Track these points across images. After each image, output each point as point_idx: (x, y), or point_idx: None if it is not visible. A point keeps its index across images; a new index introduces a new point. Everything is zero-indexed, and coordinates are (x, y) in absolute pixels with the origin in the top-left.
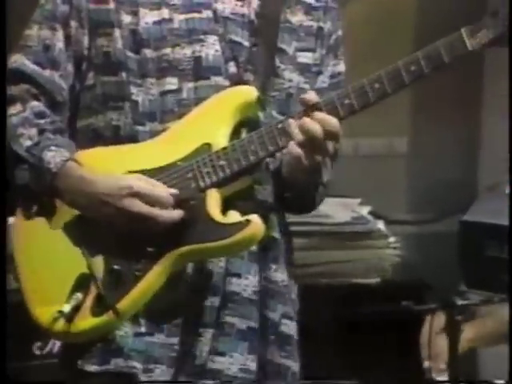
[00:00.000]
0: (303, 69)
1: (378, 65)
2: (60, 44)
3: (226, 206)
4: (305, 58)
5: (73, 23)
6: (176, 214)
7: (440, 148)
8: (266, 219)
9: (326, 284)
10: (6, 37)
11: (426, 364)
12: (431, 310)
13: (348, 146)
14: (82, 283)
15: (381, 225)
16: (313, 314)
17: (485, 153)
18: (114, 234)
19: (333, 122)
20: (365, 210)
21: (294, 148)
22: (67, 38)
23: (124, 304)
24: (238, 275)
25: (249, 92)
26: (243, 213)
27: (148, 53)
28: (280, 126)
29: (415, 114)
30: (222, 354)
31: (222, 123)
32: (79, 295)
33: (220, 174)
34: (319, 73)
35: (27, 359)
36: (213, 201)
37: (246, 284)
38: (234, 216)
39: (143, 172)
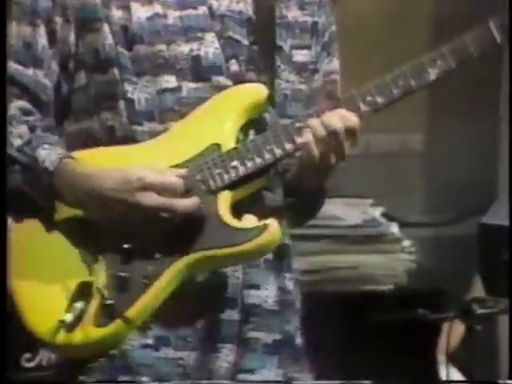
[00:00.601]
0: (299, 68)
1: (391, 56)
2: (43, 41)
3: (235, 210)
4: (300, 56)
5: (57, 19)
6: (192, 201)
7: (457, 145)
8: (279, 224)
9: (335, 292)
10: (6, 37)
11: (443, 374)
12: (449, 318)
13: (359, 142)
14: (84, 291)
15: (394, 227)
16: (321, 324)
17: (505, 151)
18: (119, 237)
19: (353, 119)
20: (377, 212)
21: (311, 145)
22: (51, 35)
23: (131, 313)
24: (257, 286)
25: (259, 91)
26: (256, 217)
27: (141, 49)
28: (297, 124)
29: (431, 109)
30: (250, 372)
31: (231, 123)
32: (81, 304)
33: (232, 175)
34: (315, 71)
35: (14, 372)
36: (225, 203)
37: (267, 295)
38: (250, 220)
39: None
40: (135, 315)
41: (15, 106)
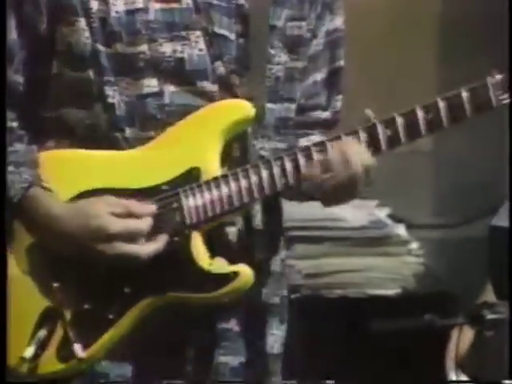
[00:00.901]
0: (293, 43)
1: (397, 51)
2: (13, 34)
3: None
4: (295, 29)
5: (27, 8)
6: (157, 245)
7: (468, 144)
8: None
9: (340, 296)
10: (6, 38)
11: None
12: (458, 324)
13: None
14: (47, 319)
15: (401, 229)
16: (325, 329)
17: None
18: (86, 270)
19: (370, 158)
20: (383, 213)
21: (317, 180)
22: (20, 25)
23: (94, 350)
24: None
25: (245, 108)
26: (227, 252)
27: (120, 48)
28: (279, 163)
29: None
30: None
31: (214, 144)
32: (43, 333)
33: (209, 213)
34: (312, 38)
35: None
36: (199, 242)
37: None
38: (221, 265)
39: (122, 191)
40: (95, 353)
41: None
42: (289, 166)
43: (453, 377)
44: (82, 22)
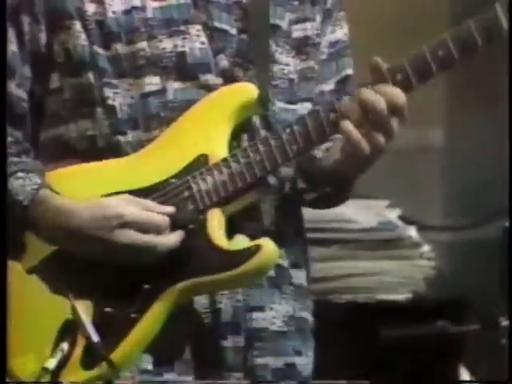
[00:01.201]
0: (299, 46)
1: (404, 43)
2: (13, 46)
3: (230, 226)
4: (301, 31)
5: (24, 18)
6: (175, 237)
7: (480, 142)
8: (278, 241)
9: (348, 301)
10: (6, 39)
11: None
12: (471, 331)
13: None
14: (68, 332)
15: (412, 231)
16: (333, 335)
17: None
18: (102, 271)
19: (396, 92)
20: (393, 214)
21: (352, 134)
22: (19, 37)
23: (120, 352)
24: (260, 308)
25: (248, 90)
26: (252, 235)
27: (119, 48)
28: (288, 130)
29: (452, 101)
30: None
31: (219, 130)
32: (65, 346)
33: (221, 193)
34: (319, 44)
35: None
36: (215, 224)
37: (273, 315)
38: (241, 241)
39: (130, 193)
40: (123, 356)
41: None
42: (298, 129)
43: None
44: (78, 25)
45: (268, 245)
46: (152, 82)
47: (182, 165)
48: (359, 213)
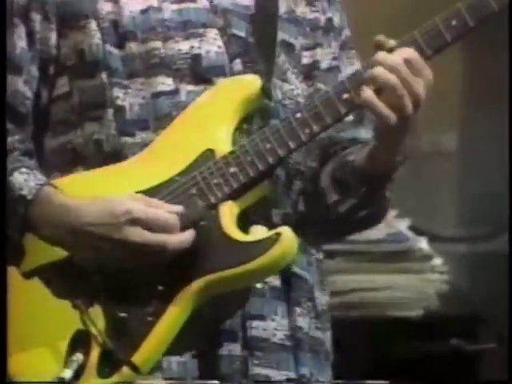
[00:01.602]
0: (307, 71)
1: None
2: (22, 43)
3: (242, 223)
4: (311, 57)
5: (35, 16)
6: (187, 235)
7: (496, 146)
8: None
9: (356, 317)
10: (5, 35)
11: None
12: (488, 349)
13: None
14: (81, 340)
15: (423, 243)
16: (339, 354)
17: None
18: (112, 273)
19: (412, 52)
20: (403, 225)
21: (373, 101)
22: (29, 35)
23: (140, 357)
24: (261, 317)
25: (251, 82)
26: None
27: (134, 47)
28: (299, 115)
29: (466, 104)
30: None
31: (224, 123)
32: (80, 356)
33: (233, 184)
34: (337, 69)
35: None
36: (228, 216)
37: (275, 327)
38: (259, 231)
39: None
40: (142, 359)
41: None
42: (309, 114)
43: None
44: (93, 24)
45: (287, 232)
46: (165, 83)
47: (187, 162)
48: None
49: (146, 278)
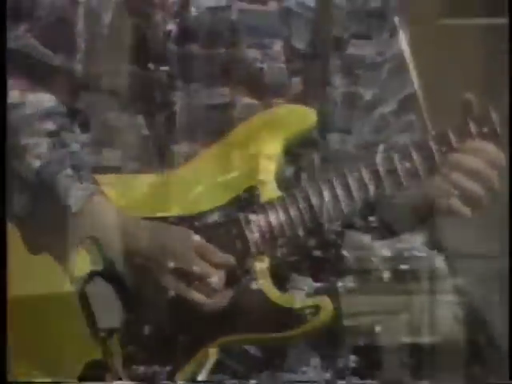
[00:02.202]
0: (350, 65)
1: None
2: (80, 21)
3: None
4: (358, 48)
5: None
6: (223, 299)
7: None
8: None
9: (364, 344)
10: (6, 34)
11: None
12: None
13: None
14: (94, 371)
15: (439, 260)
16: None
17: None
18: (135, 311)
19: (490, 148)
20: (417, 240)
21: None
22: (87, 14)
23: None
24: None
25: (307, 116)
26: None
27: (195, 49)
28: (356, 174)
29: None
30: None
31: (273, 155)
32: None
33: (277, 234)
34: (383, 63)
35: None
36: (265, 271)
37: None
38: (298, 298)
39: (174, 220)
40: None
41: (35, 99)
42: (368, 175)
43: None
44: (160, 16)
45: (327, 304)
46: (223, 93)
47: (230, 195)
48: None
49: (172, 324)
